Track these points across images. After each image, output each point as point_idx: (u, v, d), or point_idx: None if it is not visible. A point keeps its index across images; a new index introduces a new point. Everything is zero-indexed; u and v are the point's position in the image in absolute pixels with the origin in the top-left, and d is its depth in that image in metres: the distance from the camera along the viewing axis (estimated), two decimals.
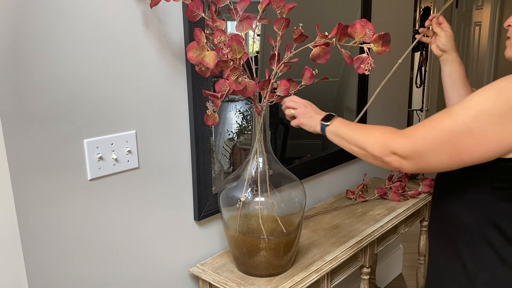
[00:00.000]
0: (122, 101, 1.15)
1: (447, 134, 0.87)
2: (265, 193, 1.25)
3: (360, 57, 1.03)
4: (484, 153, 0.86)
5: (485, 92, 0.86)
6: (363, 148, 1.01)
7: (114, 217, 1.19)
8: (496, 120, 0.83)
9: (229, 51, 1.02)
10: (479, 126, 0.84)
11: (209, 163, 1.36)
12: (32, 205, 1.02)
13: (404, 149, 0.92)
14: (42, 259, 1.06)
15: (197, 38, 1.04)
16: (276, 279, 1.29)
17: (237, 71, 1.05)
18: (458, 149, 0.87)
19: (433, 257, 1.09)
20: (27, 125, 0.99)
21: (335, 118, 1.12)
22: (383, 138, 0.96)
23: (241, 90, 1.08)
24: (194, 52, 1.04)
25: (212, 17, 1.09)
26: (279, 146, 1.68)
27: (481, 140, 0.85)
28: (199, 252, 1.43)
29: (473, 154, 0.87)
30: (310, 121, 1.15)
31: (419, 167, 0.93)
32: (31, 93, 0.98)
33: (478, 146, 0.86)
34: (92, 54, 1.07)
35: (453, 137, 0.86)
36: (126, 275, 1.25)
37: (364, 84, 2.03)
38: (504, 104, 0.83)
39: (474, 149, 0.86)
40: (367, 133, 1.02)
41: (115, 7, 1.10)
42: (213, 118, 1.15)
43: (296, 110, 1.17)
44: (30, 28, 0.96)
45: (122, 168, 1.18)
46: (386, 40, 1.02)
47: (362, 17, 1.89)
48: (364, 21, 1.04)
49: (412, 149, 0.91)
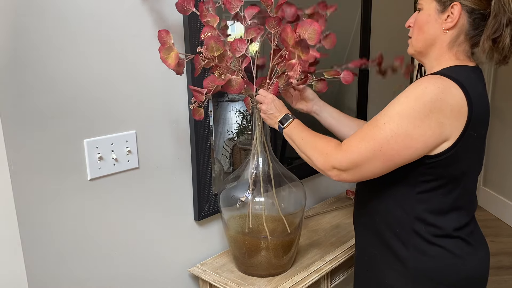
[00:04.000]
0: (122, 101, 1.15)
1: (378, 143, 0.96)
2: (265, 193, 1.25)
3: (290, 63, 1.04)
4: (413, 154, 0.96)
5: (405, 99, 0.95)
6: (310, 159, 1.09)
7: (114, 217, 1.19)
8: (418, 123, 0.93)
9: (205, 49, 1.03)
10: (404, 131, 0.94)
11: (209, 163, 1.36)
12: (32, 205, 1.02)
13: (342, 163, 1.01)
14: (42, 259, 1.06)
15: (162, 40, 1.06)
16: (276, 279, 1.29)
17: (220, 69, 1.06)
18: (390, 155, 0.96)
19: (362, 249, 1.18)
20: (27, 125, 0.99)
21: (291, 121, 1.15)
22: (325, 154, 1.04)
23: (227, 86, 1.09)
24: (164, 53, 1.07)
25: (200, 13, 1.10)
26: (279, 146, 1.67)
27: (408, 143, 0.95)
28: (199, 252, 1.43)
29: (404, 157, 0.96)
30: (270, 118, 1.18)
31: (358, 177, 1.02)
32: (31, 93, 0.98)
33: (407, 149, 0.95)
34: (92, 54, 1.07)
35: (384, 145, 0.96)
36: (126, 275, 1.25)
37: (364, 84, 2.03)
38: (423, 107, 0.93)
39: (404, 152, 0.96)
40: (313, 145, 1.08)
41: (115, 8, 1.10)
42: (199, 113, 1.16)
43: (261, 105, 1.19)
44: (30, 28, 0.96)
45: (122, 168, 1.18)
46: (304, 46, 1.01)
47: (362, 17, 1.90)
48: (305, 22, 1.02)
49: (349, 162, 0.99)
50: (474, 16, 0.98)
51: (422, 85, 0.94)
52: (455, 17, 0.99)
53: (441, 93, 0.93)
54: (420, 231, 1.03)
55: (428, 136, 0.94)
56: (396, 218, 1.06)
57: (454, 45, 1.02)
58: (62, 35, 1.01)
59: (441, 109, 0.93)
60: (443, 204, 1.02)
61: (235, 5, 1.12)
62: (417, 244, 1.04)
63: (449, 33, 1.01)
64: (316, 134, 1.11)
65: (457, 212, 1.04)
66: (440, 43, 1.03)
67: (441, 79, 0.95)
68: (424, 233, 1.03)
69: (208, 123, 1.33)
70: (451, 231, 1.03)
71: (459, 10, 0.98)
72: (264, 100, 1.18)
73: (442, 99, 0.93)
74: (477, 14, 0.98)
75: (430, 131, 0.93)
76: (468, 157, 1.00)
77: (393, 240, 1.07)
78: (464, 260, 1.04)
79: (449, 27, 1.00)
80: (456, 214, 1.04)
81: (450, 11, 0.99)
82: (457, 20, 0.99)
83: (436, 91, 0.93)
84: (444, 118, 0.93)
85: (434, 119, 0.93)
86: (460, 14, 0.98)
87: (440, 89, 0.93)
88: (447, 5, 0.99)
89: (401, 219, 1.05)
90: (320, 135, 1.11)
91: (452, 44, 1.02)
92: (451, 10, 0.99)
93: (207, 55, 1.03)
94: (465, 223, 1.05)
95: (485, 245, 1.11)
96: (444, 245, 1.03)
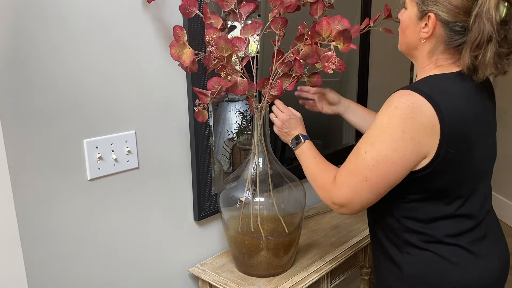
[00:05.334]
0: (121, 101, 1.15)
1: (363, 174, 0.96)
2: (265, 193, 1.25)
3: (325, 55, 1.02)
4: (397, 177, 0.96)
5: (380, 121, 0.95)
6: (313, 186, 1.10)
7: (113, 217, 1.19)
8: (395, 146, 0.92)
9: (215, 48, 1.02)
10: (383, 157, 0.94)
11: (209, 163, 1.36)
12: (32, 205, 1.02)
13: (338, 200, 1.01)
14: (41, 259, 1.06)
15: (177, 36, 1.04)
16: (276, 279, 1.29)
17: (227, 70, 1.06)
18: (375, 182, 0.96)
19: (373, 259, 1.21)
20: (27, 125, 0.99)
21: (302, 143, 1.16)
22: (324, 190, 1.06)
23: (232, 88, 1.08)
24: (176, 49, 1.05)
25: (204, 15, 1.09)
26: (279, 146, 1.67)
27: (390, 167, 0.94)
28: (199, 252, 1.43)
29: (389, 182, 0.96)
30: (283, 136, 1.21)
31: (356, 209, 1.01)
32: (31, 93, 0.98)
33: (390, 174, 0.95)
34: (92, 54, 1.07)
35: (368, 174, 0.96)
36: (125, 275, 1.25)
37: (364, 84, 2.03)
38: (396, 130, 0.92)
39: (388, 177, 0.95)
40: (315, 178, 1.10)
41: (115, 8, 1.09)
42: (203, 115, 1.15)
43: (276, 119, 1.20)
44: (30, 28, 0.96)
45: (122, 168, 1.18)
46: (347, 37, 0.99)
47: (362, 17, 1.90)
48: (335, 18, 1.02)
49: (344, 198, 1.00)
50: (452, 27, 0.93)
51: (392, 105, 0.93)
52: (429, 28, 0.95)
53: (411, 113, 0.90)
54: (411, 238, 1.03)
55: (408, 157, 0.93)
56: (388, 226, 1.07)
57: (433, 54, 0.98)
58: (61, 35, 1.01)
59: (413, 128, 0.91)
60: (432, 213, 1.01)
61: (229, 1, 1.11)
62: (410, 250, 1.04)
63: (427, 42, 0.98)
64: (320, 163, 1.11)
65: (451, 219, 1.01)
66: (421, 50, 1.00)
67: (411, 97, 0.91)
68: (415, 239, 1.03)
69: (208, 123, 1.33)
70: (443, 237, 1.01)
71: (433, 22, 0.94)
72: (278, 116, 1.19)
73: (413, 118, 0.90)
74: (454, 25, 0.93)
75: (408, 151, 0.92)
76: (453, 171, 0.96)
77: (389, 246, 1.08)
78: (461, 268, 1.01)
79: (425, 37, 0.97)
80: (450, 222, 1.01)
81: (427, 19, 0.96)
82: (432, 31, 0.95)
83: (406, 110, 0.91)
84: (419, 137, 0.91)
85: (408, 139, 0.91)
86: (435, 25, 0.95)
87: (409, 108, 0.91)
88: (424, 13, 0.95)
89: (393, 226, 1.05)
90: (323, 164, 1.11)
91: (432, 53, 0.98)
92: (428, 20, 0.95)
93: (217, 55, 1.03)
94: (465, 230, 1.01)
95: (495, 254, 1.06)
96: (436, 251, 1.01)
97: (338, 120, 2.06)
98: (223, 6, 1.12)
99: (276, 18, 1.12)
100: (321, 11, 1.15)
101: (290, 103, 1.23)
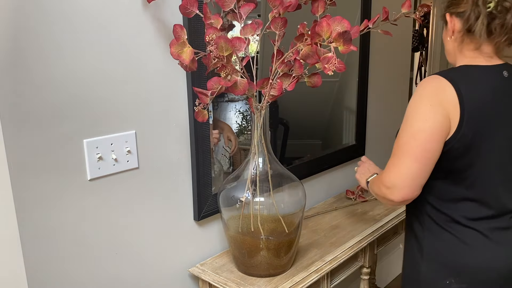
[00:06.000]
0: (121, 101, 1.15)
1: (403, 149, 1.07)
2: (265, 193, 1.25)
3: (326, 57, 1.03)
4: (436, 144, 1.06)
5: (412, 105, 1.08)
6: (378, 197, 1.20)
7: (113, 217, 1.19)
8: (426, 118, 1.05)
9: (215, 48, 1.02)
10: (417, 128, 1.06)
11: (209, 163, 1.36)
12: (32, 205, 1.02)
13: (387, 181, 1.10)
14: (41, 259, 1.06)
15: (177, 34, 1.05)
16: (276, 279, 1.29)
17: (227, 69, 1.06)
18: (417, 152, 1.05)
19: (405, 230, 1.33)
20: (27, 125, 0.99)
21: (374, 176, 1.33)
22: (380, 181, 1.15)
23: (232, 88, 1.08)
24: (176, 48, 1.06)
25: (204, 15, 1.09)
26: (279, 146, 1.68)
27: (427, 137, 1.05)
28: (199, 252, 1.43)
29: (429, 150, 1.05)
30: (361, 177, 1.37)
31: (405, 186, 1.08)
32: (31, 93, 0.98)
33: (428, 142, 1.05)
34: (91, 54, 1.07)
35: (408, 148, 1.06)
36: (125, 275, 1.25)
37: (364, 84, 2.03)
38: (424, 105, 1.05)
39: (427, 145, 1.05)
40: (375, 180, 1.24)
41: (115, 8, 1.10)
42: (203, 115, 1.15)
43: (358, 167, 1.41)
44: (30, 28, 0.96)
45: (122, 168, 1.18)
46: (347, 39, 1.00)
47: (362, 18, 1.90)
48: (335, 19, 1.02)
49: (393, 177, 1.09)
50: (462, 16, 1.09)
51: (421, 86, 1.09)
52: (450, 25, 1.13)
53: (436, 91, 1.06)
54: (433, 215, 1.15)
55: (439, 125, 1.04)
56: (414, 202, 1.15)
57: (462, 46, 1.13)
58: (61, 35, 1.01)
59: (439, 102, 1.05)
60: (453, 193, 1.12)
61: (229, 1, 1.11)
62: (432, 228, 1.16)
63: (453, 38, 1.14)
64: None
65: (470, 202, 1.11)
66: (453, 50, 1.16)
67: (437, 79, 1.07)
68: (436, 217, 1.15)
69: (208, 123, 1.33)
70: (462, 219, 1.11)
71: (449, 18, 1.13)
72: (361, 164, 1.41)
73: (438, 95, 1.05)
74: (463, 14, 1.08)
75: (438, 120, 1.04)
76: (470, 155, 1.08)
77: (415, 222, 1.21)
78: (475, 249, 1.10)
79: (450, 34, 1.14)
80: (470, 205, 1.11)
81: (447, 21, 1.14)
82: (453, 26, 1.12)
83: (432, 89, 1.07)
84: (445, 109, 1.04)
85: (437, 111, 1.04)
86: (452, 20, 1.12)
87: (435, 88, 1.07)
88: (445, 19, 1.15)
89: (417, 203, 1.17)
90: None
91: (461, 46, 1.13)
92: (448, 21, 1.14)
93: (217, 55, 1.03)
94: (484, 216, 1.11)
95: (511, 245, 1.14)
96: (454, 232, 1.12)
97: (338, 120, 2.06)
98: (223, 6, 1.12)
99: (276, 18, 1.12)
100: (323, 9, 1.15)
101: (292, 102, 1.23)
